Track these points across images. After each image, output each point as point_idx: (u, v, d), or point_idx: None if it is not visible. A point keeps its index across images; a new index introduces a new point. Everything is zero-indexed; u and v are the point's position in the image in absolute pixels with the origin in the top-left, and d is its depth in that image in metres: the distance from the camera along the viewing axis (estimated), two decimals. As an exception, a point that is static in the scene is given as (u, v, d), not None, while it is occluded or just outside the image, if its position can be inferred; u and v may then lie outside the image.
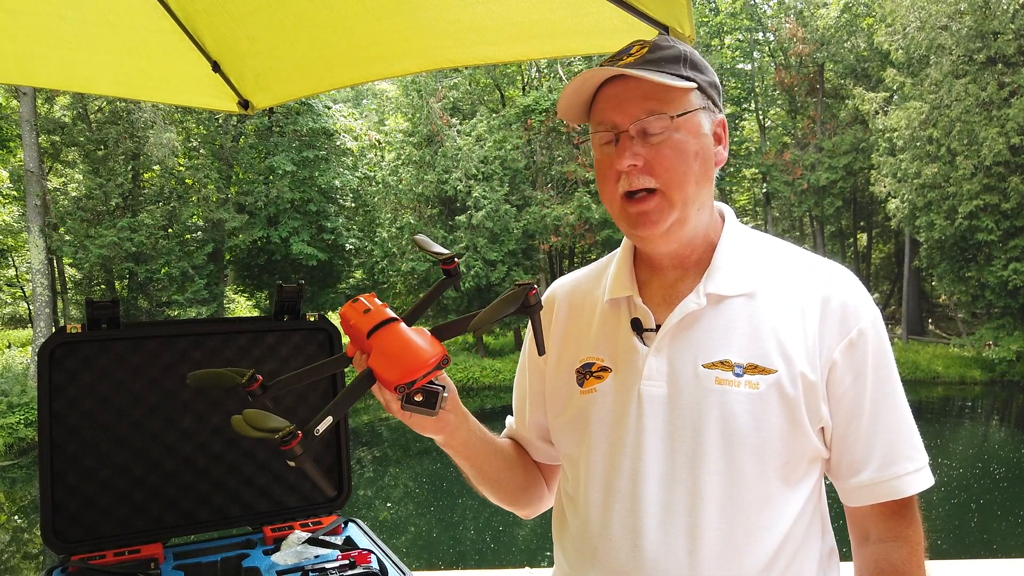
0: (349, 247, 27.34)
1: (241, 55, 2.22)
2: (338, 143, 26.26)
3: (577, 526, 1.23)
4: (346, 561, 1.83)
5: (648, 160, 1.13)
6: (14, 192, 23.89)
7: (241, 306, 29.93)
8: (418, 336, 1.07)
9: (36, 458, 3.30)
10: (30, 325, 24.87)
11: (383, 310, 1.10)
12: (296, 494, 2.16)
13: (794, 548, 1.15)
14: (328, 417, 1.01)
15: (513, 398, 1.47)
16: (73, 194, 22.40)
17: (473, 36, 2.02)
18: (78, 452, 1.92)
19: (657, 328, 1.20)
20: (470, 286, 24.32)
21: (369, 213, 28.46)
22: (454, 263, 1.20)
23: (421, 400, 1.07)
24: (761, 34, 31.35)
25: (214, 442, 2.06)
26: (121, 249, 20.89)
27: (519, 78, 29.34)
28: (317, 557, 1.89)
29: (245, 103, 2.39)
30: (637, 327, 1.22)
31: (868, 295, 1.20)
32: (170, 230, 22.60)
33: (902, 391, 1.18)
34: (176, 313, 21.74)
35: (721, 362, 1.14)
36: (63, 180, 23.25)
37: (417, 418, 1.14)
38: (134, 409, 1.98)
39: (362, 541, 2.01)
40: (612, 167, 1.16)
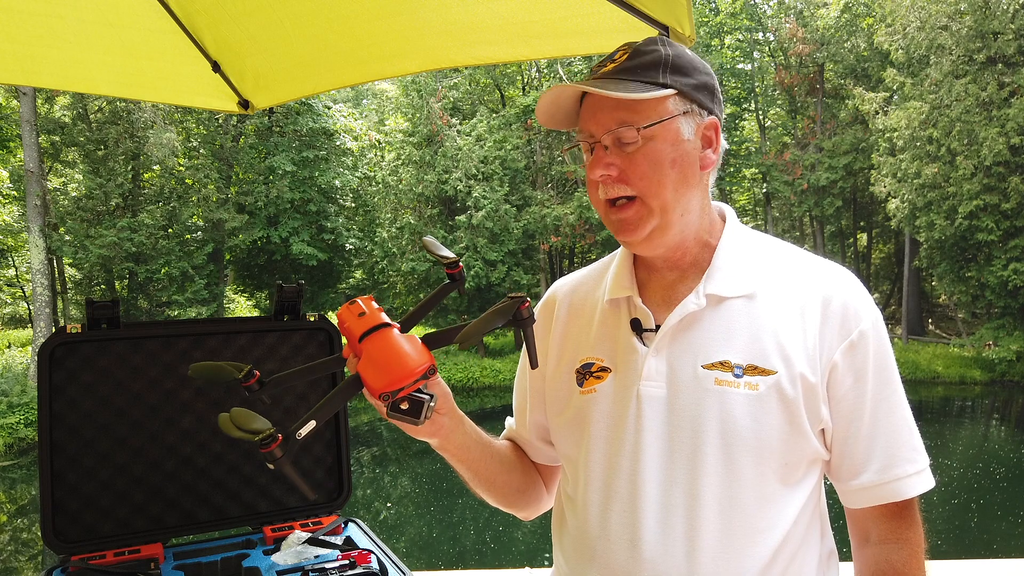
0: (349, 247, 27.35)
1: (241, 55, 2.21)
2: (338, 143, 26.26)
3: (576, 526, 1.23)
4: (346, 561, 1.82)
5: (623, 169, 1.14)
6: (14, 192, 23.90)
7: (241, 306, 29.93)
8: (408, 344, 1.06)
9: (36, 458, 3.30)
10: (30, 325, 24.89)
11: (378, 314, 1.09)
12: (296, 494, 2.16)
13: (793, 549, 1.15)
14: (311, 422, 1.01)
15: (513, 398, 1.47)
16: (73, 194, 22.41)
17: (473, 36, 2.02)
18: (78, 452, 1.92)
19: (657, 328, 1.20)
20: (470, 286, 24.30)
21: (369, 213, 28.47)
22: (459, 268, 1.20)
23: (407, 409, 1.05)
24: (761, 34, 31.34)
25: (214, 442, 2.06)
26: (121, 249, 20.89)
27: (519, 78, 29.34)
28: (317, 557, 1.89)
29: (245, 103, 2.39)
30: (637, 327, 1.22)
31: (869, 296, 1.20)
32: (170, 230, 22.60)
33: (903, 393, 1.18)
34: (176, 313, 21.73)
35: (720, 363, 1.14)
36: (63, 180, 23.26)
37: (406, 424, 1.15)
38: (134, 409, 1.98)
39: (362, 541, 2.01)
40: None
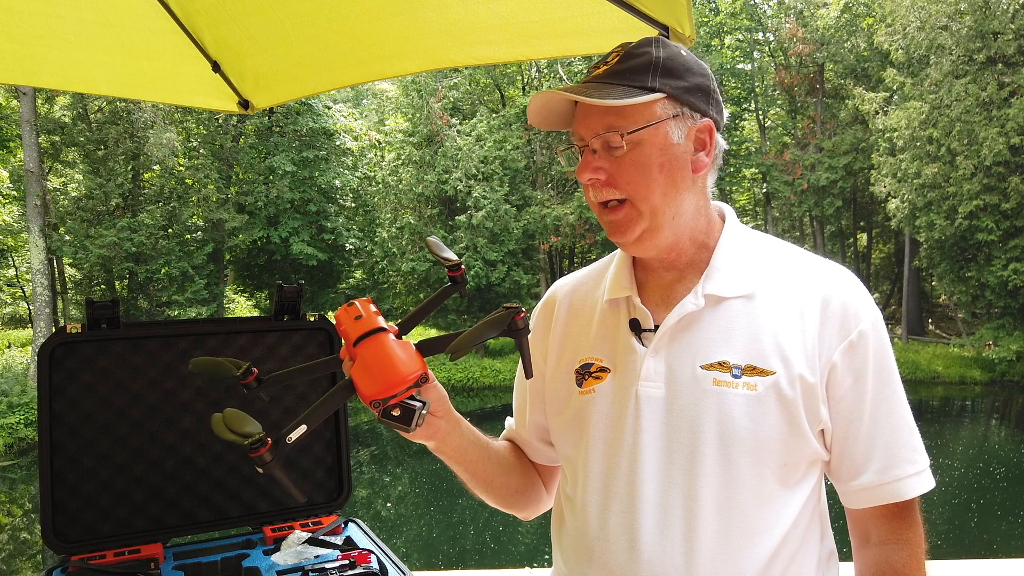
0: (349, 247, 27.35)
1: (241, 55, 2.21)
2: (338, 143, 26.26)
3: (575, 526, 1.23)
4: (346, 561, 1.82)
5: (611, 173, 1.15)
6: (14, 192, 23.90)
7: (241, 306, 29.93)
8: (401, 351, 1.06)
9: (36, 458, 3.30)
10: (30, 325, 24.88)
11: (374, 318, 1.08)
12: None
13: (792, 550, 1.14)
14: (302, 426, 1.00)
15: (513, 399, 1.47)
16: (73, 194, 22.41)
17: (473, 36, 2.02)
18: (78, 452, 1.92)
19: (656, 329, 1.19)
20: (470, 286, 24.29)
21: (369, 213, 28.47)
22: (460, 270, 1.20)
23: (398, 416, 1.05)
24: (761, 34, 31.34)
25: (214, 442, 2.06)
26: (121, 249, 20.89)
27: (519, 78, 29.33)
28: (317, 557, 1.89)
29: (245, 103, 2.39)
30: (635, 328, 1.21)
31: (869, 296, 1.19)
32: (170, 230, 22.59)
33: (903, 393, 1.18)
34: (176, 313, 21.72)
35: (719, 363, 1.13)
36: (63, 180, 23.26)
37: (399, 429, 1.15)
38: (134, 409, 1.98)
39: (362, 541, 2.01)
40: None
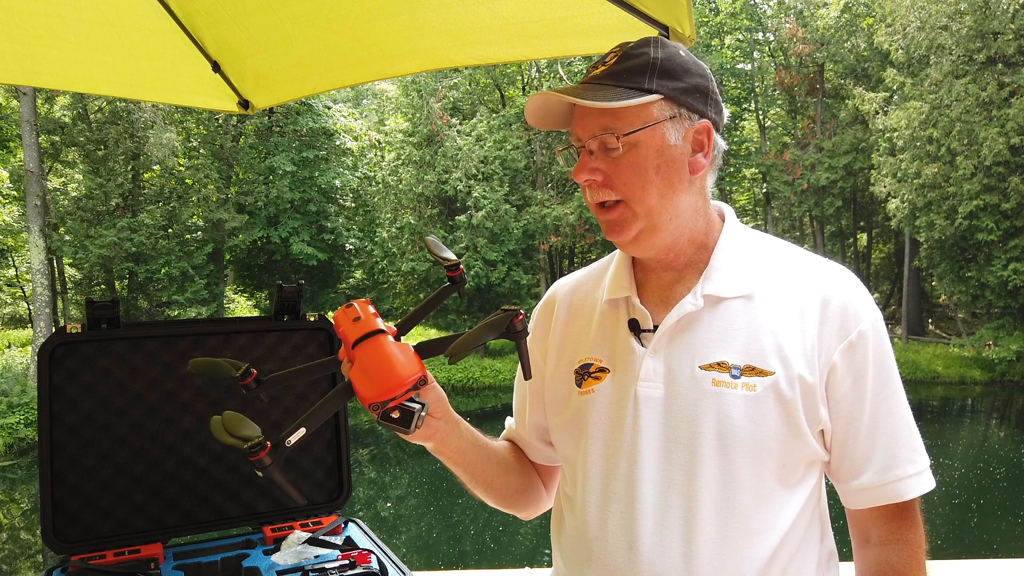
0: (349, 247, 27.35)
1: (241, 55, 2.21)
2: (338, 143, 26.26)
3: (574, 527, 1.23)
4: (346, 561, 1.82)
5: (607, 174, 1.15)
6: (14, 192, 23.89)
7: (241, 306, 29.92)
8: (400, 353, 1.05)
9: (36, 458, 3.30)
10: (30, 325, 24.87)
11: (372, 320, 1.08)
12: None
13: (792, 551, 1.14)
14: (301, 429, 1.00)
15: (513, 399, 1.47)
16: (73, 194, 22.40)
17: (473, 36, 2.02)
18: (78, 452, 1.92)
19: (655, 329, 1.19)
20: (470, 286, 24.29)
21: (369, 213, 28.47)
22: (459, 270, 1.19)
23: (397, 418, 1.05)
24: (761, 34, 31.34)
25: (214, 442, 2.05)
26: (121, 249, 20.89)
27: (519, 78, 29.33)
28: (317, 557, 1.89)
29: (245, 103, 2.39)
30: (635, 328, 1.21)
31: (869, 296, 1.19)
32: (170, 230, 22.59)
33: (903, 393, 1.17)
34: (176, 313, 21.72)
35: (718, 364, 1.13)
36: (63, 180, 23.25)
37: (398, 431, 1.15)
38: (134, 409, 1.97)
39: (362, 541, 2.01)
40: None
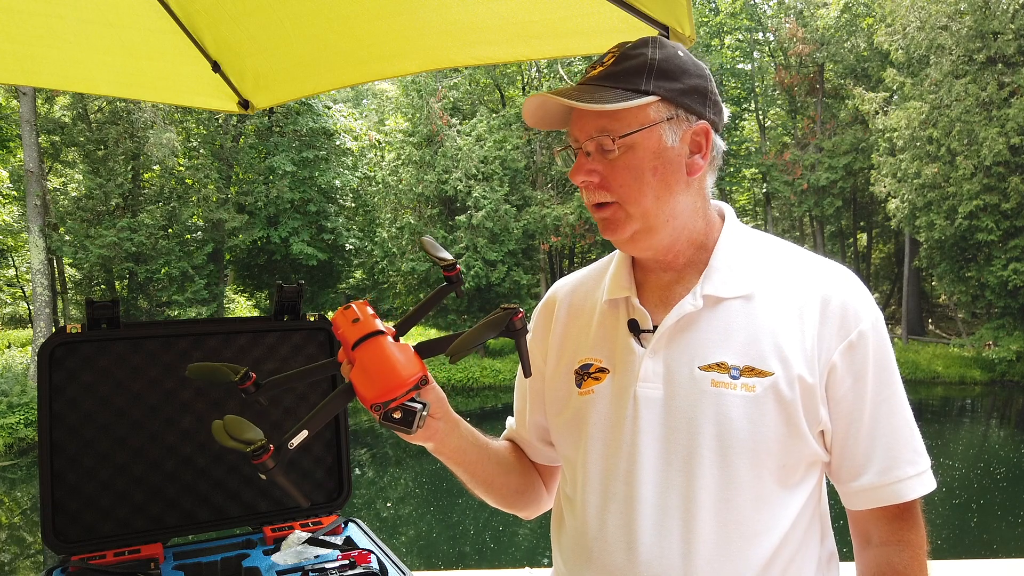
0: (349, 247, 27.34)
1: (241, 55, 2.21)
2: (338, 143, 26.25)
3: (574, 527, 1.23)
4: (346, 561, 1.82)
5: (604, 176, 1.15)
6: (14, 192, 23.89)
7: (241, 306, 29.92)
8: (400, 353, 1.06)
9: (36, 458, 3.30)
10: (30, 325, 24.87)
11: (371, 321, 1.08)
12: (291, 495, 2.15)
13: (791, 552, 1.14)
14: (304, 431, 1.01)
15: (514, 399, 1.47)
16: (73, 194, 22.40)
17: (473, 36, 2.02)
18: (78, 452, 1.92)
19: (654, 329, 1.19)
20: (470, 286, 24.29)
21: (369, 213, 28.47)
22: (456, 270, 1.20)
23: (399, 418, 1.05)
24: (761, 34, 31.34)
25: (214, 442, 2.04)
26: (121, 249, 20.88)
27: (519, 78, 29.33)
28: (317, 557, 1.89)
29: (245, 103, 2.39)
30: (634, 328, 1.21)
31: (869, 296, 1.18)
32: (170, 230, 22.59)
33: (904, 394, 1.17)
34: (176, 313, 21.72)
35: (717, 364, 1.13)
36: (63, 180, 23.25)
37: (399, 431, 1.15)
38: (134, 409, 1.97)
39: (362, 541, 2.01)
40: None
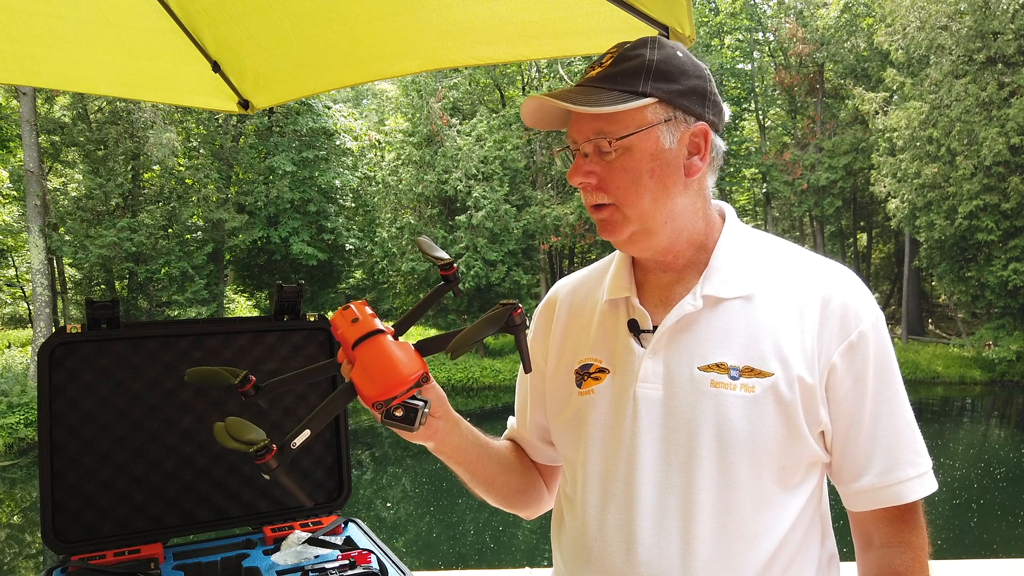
0: (349, 247, 27.33)
1: (241, 55, 2.21)
2: (338, 143, 26.24)
3: (574, 527, 1.23)
4: (346, 561, 1.82)
5: (601, 178, 1.14)
6: (14, 192, 23.89)
7: (241, 306, 29.92)
8: (400, 352, 1.06)
9: (36, 458, 3.30)
10: (30, 325, 24.87)
11: (371, 321, 1.09)
12: (295, 496, 2.15)
13: (791, 553, 1.14)
14: (306, 431, 1.01)
15: (515, 398, 1.47)
16: (73, 194, 22.40)
17: (473, 36, 2.02)
18: (78, 452, 1.92)
19: (654, 330, 1.19)
20: (470, 286, 24.29)
21: (369, 213, 28.46)
22: (453, 269, 1.20)
23: (400, 416, 1.05)
24: (761, 34, 31.33)
25: (214, 442, 2.04)
26: (121, 249, 20.88)
27: (519, 78, 29.32)
28: (317, 557, 1.89)
29: (245, 103, 2.39)
30: (634, 328, 1.21)
31: (870, 296, 1.18)
32: (170, 230, 22.58)
33: (904, 395, 1.16)
34: (176, 313, 21.72)
35: (717, 365, 1.13)
36: (63, 180, 23.25)
37: (401, 430, 1.15)
38: (134, 409, 1.97)
39: (362, 541, 2.01)
40: None
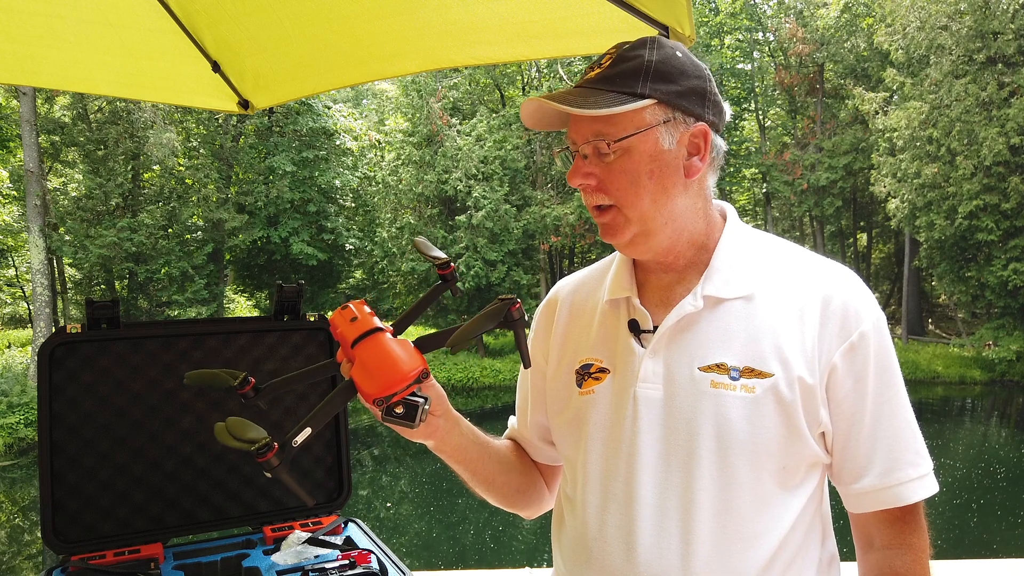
0: (349, 247, 27.33)
1: (241, 55, 2.21)
2: (338, 143, 26.24)
3: (574, 527, 1.23)
4: (346, 561, 1.83)
5: (601, 179, 1.14)
6: (14, 192, 23.89)
7: (241, 306, 29.92)
8: (400, 349, 1.07)
9: (36, 458, 3.30)
10: (30, 325, 24.87)
11: (370, 319, 1.09)
12: (296, 496, 2.15)
13: (791, 554, 1.13)
14: (307, 429, 1.01)
15: (516, 398, 1.47)
16: (73, 194, 22.40)
17: (473, 36, 2.02)
18: (78, 452, 1.92)
19: (655, 330, 1.19)
20: (470, 286, 24.30)
21: (369, 213, 28.46)
22: (450, 268, 1.20)
23: (401, 413, 1.06)
24: (761, 34, 31.33)
25: (214, 442, 2.05)
26: (121, 249, 20.88)
27: (519, 78, 29.32)
28: (317, 557, 1.89)
29: (245, 103, 2.39)
30: (634, 328, 1.21)
31: (871, 296, 1.18)
32: (170, 230, 22.59)
33: (905, 395, 1.16)
34: (176, 313, 21.71)
35: (717, 365, 1.12)
36: (63, 180, 23.25)
37: (402, 427, 1.15)
38: (134, 409, 1.98)
39: (362, 541, 2.01)
40: None
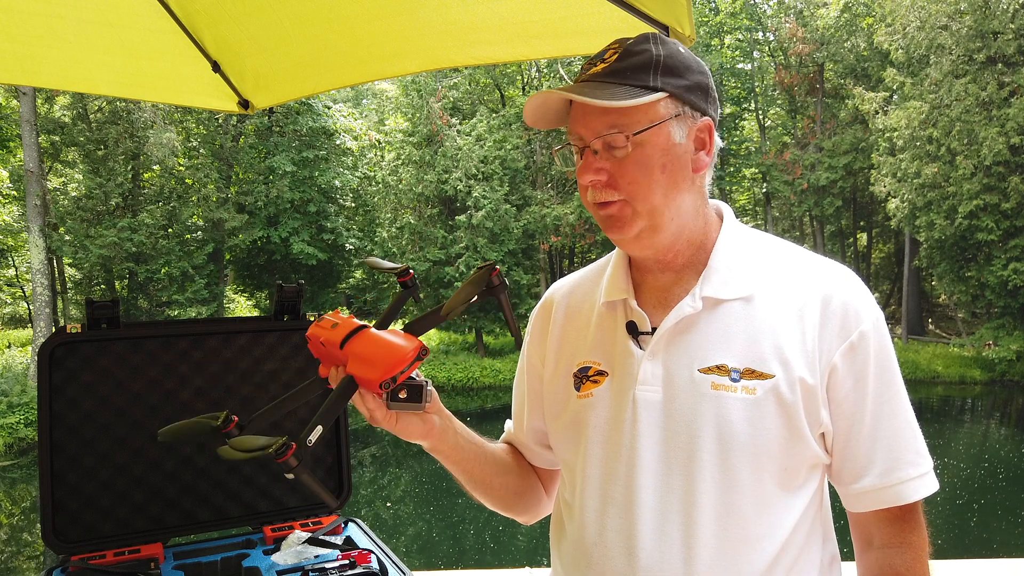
0: (349, 247, 27.34)
1: (241, 55, 2.21)
2: (338, 143, 26.25)
3: (573, 532, 1.22)
4: (346, 561, 1.83)
5: (612, 174, 1.12)
6: (14, 192, 23.89)
7: (241, 306, 29.92)
8: (392, 335, 1.08)
9: (36, 458, 3.30)
10: (30, 325, 24.87)
11: (350, 320, 1.11)
12: (296, 494, 2.16)
13: (793, 556, 1.13)
14: (318, 427, 1.01)
15: (512, 401, 1.46)
16: (73, 194, 22.41)
17: (473, 36, 2.02)
18: (78, 452, 1.92)
19: (653, 332, 1.18)
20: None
21: (369, 213, 28.47)
22: (409, 275, 1.22)
23: (406, 396, 1.07)
24: (761, 34, 31.32)
25: (214, 442, 2.06)
26: (121, 249, 20.89)
27: (519, 78, 29.32)
28: (317, 557, 1.89)
29: (245, 103, 2.39)
30: (633, 330, 1.20)
31: (870, 296, 1.18)
32: (170, 230, 22.59)
33: (905, 395, 1.16)
34: (176, 313, 21.72)
35: (717, 367, 1.12)
36: (63, 180, 23.25)
37: (403, 422, 1.15)
38: (134, 409, 1.98)
39: (362, 541, 2.01)
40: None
